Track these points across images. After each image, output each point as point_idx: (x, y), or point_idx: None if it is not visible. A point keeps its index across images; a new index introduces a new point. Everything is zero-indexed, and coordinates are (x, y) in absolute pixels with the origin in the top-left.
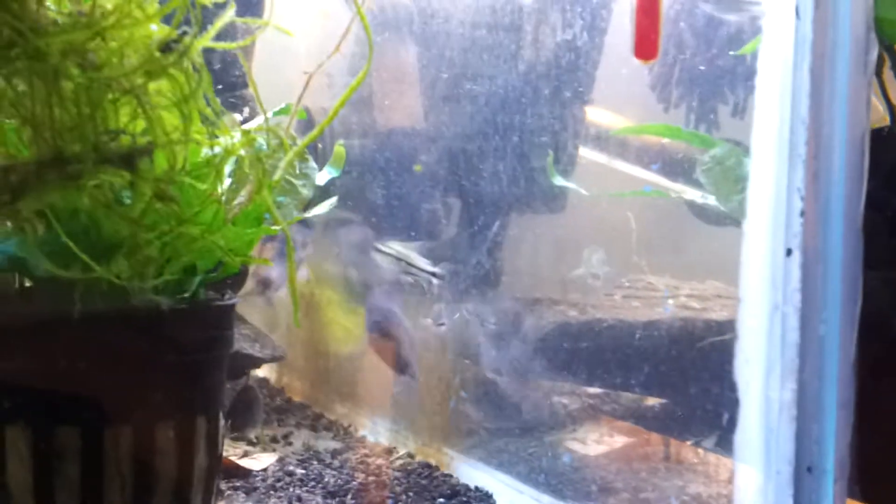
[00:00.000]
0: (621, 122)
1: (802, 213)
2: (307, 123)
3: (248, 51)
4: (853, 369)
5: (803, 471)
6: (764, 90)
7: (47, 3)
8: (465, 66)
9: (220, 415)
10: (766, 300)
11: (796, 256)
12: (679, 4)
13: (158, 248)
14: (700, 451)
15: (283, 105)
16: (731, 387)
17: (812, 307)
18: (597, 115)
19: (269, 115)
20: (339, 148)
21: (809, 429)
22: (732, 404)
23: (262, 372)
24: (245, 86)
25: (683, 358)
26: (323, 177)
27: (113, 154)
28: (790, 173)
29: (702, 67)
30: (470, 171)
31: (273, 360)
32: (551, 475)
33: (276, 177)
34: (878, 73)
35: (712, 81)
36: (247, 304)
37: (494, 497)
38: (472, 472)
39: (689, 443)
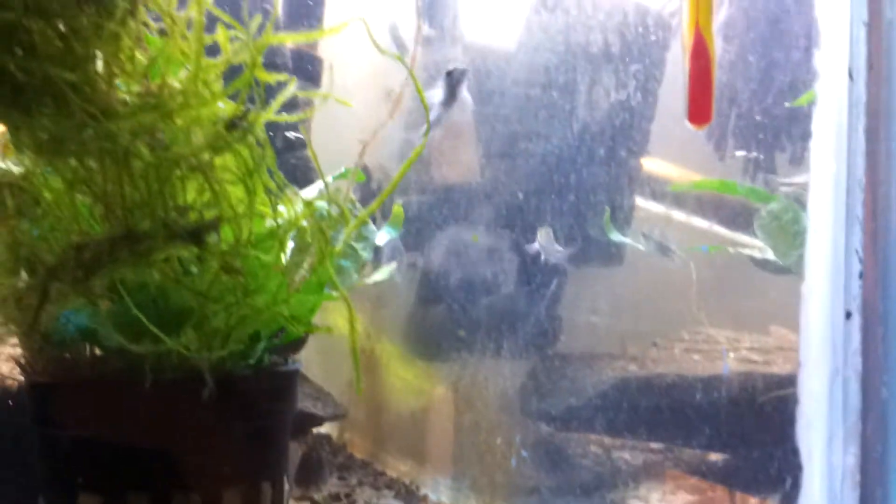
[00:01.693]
0: (679, 173)
1: (861, 275)
2: (366, 183)
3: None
4: None
5: None
6: (819, 151)
7: (117, 84)
8: (522, 125)
9: (285, 479)
10: (826, 364)
11: (856, 319)
12: (733, 55)
13: (225, 319)
14: None
15: (341, 170)
16: (794, 449)
17: (873, 371)
18: (654, 166)
19: (329, 179)
20: (397, 208)
21: (874, 494)
22: (795, 465)
23: (324, 429)
24: (304, 146)
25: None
26: (382, 237)
27: (181, 230)
28: (848, 235)
29: (758, 117)
30: (526, 230)
31: (335, 418)
32: None
33: (338, 247)
34: None
35: (769, 131)
36: (307, 361)
37: None
38: None
39: (754, 500)
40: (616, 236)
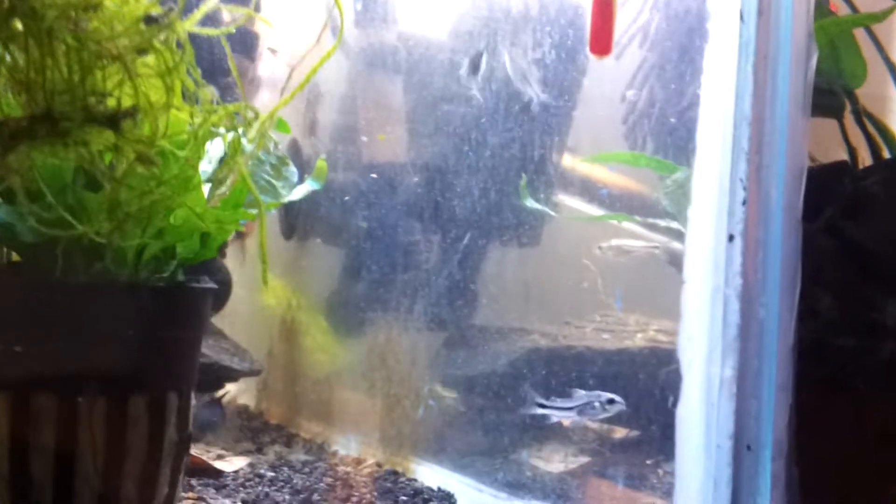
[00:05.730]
0: (604, 175)
1: (745, 202)
2: (295, 153)
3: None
4: (792, 353)
5: (743, 448)
6: (709, 88)
7: None
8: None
9: (192, 394)
10: (708, 282)
11: (738, 242)
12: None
13: (137, 205)
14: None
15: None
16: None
17: (752, 291)
18: (584, 168)
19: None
20: (321, 162)
21: (749, 406)
22: (676, 379)
23: (242, 399)
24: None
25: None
26: (304, 188)
27: (99, 114)
28: (734, 166)
29: (672, 120)
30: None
31: (251, 373)
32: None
33: (253, 149)
34: (839, 116)
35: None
36: (229, 324)
37: (455, 497)
38: (435, 476)
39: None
40: (530, 202)
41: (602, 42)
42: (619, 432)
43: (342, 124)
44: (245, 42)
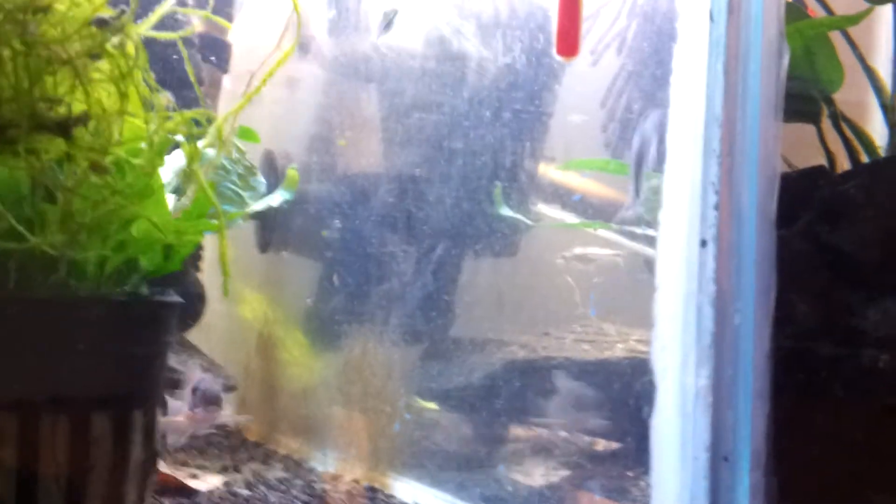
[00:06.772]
0: (581, 183)
1: (717, 206)
2: (271, 166)
3: (214, 92)
4: (768, 360)
5: (720, 459)
6: (678, 89)
7: None
8: (423, 113)
9: (157, 411)
10: (681, 288)
11: (711, 248)
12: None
13: (91, 215)
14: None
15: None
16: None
17: (726, 297)
18: (562, 177)
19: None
20: (291, 171)
21: (725, 417)
22: (650, 388)
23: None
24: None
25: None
26: (276, 199)
27: (49, 120)
28: (705, 168)
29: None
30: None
31: (225, 389)
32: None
33: (213, 157)
34: (817, 121)
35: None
36: (205, 338)
37: None
38: (413, 492)
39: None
40: (506, 211)
41: (569, 43)
42: (600, 444)
43: (316, 134)
44: (217, 52)
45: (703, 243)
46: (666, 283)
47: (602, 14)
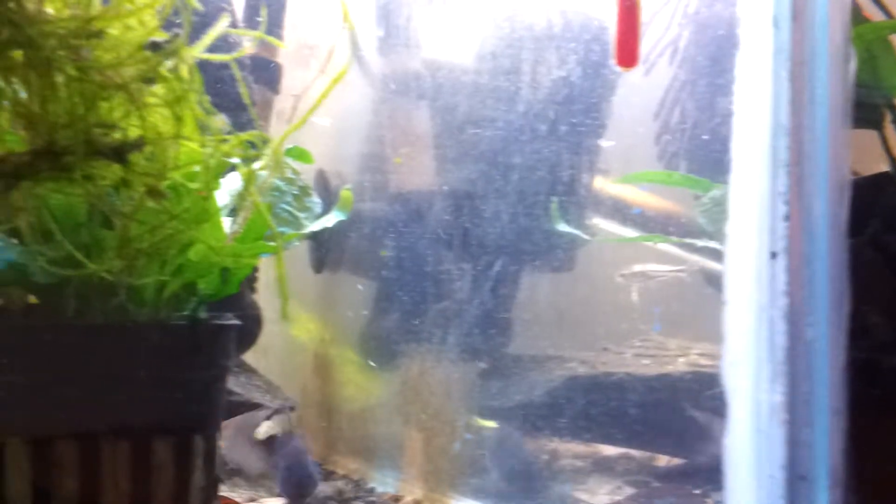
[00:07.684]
0: (636, 195)
1: (787, 217)
2: (324, 187)
3: (265, 113)
4: (843, 375)
5: (797, 478)
6: (743, 98)
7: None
8: (477, 129)
9: (218, 435)
10: (752, 302)
11: (782, 260)
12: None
13: (149, 241)
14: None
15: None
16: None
17: (799, 310)
18: (617, 190)
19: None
20: (345, 192)
21: (801, 433)
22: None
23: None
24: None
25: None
26: (331, 219)
27: (104, 146)
28: (773, 179)
29: (705, 137)
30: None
31: (284, 409)
32: None
33: (267, 179)
34: (880, 127)
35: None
36: (262, 360)
37: None
38: None
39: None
40: (563, 226)
41: (628, 53)
42: (662, 461)
43: (369, 153)
44: (268, 73)
45: (773, 255)
46: (735, 297)
47: (653, 23)
